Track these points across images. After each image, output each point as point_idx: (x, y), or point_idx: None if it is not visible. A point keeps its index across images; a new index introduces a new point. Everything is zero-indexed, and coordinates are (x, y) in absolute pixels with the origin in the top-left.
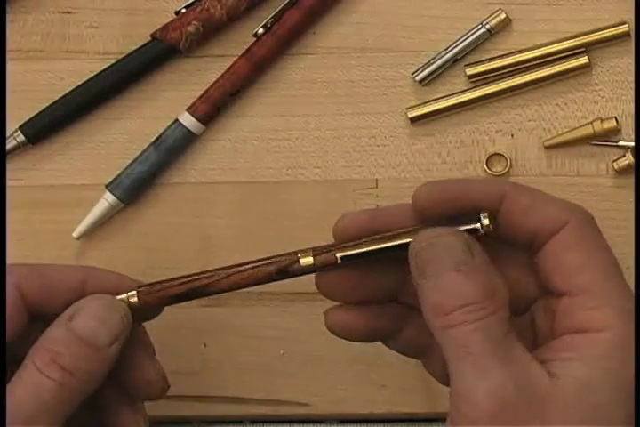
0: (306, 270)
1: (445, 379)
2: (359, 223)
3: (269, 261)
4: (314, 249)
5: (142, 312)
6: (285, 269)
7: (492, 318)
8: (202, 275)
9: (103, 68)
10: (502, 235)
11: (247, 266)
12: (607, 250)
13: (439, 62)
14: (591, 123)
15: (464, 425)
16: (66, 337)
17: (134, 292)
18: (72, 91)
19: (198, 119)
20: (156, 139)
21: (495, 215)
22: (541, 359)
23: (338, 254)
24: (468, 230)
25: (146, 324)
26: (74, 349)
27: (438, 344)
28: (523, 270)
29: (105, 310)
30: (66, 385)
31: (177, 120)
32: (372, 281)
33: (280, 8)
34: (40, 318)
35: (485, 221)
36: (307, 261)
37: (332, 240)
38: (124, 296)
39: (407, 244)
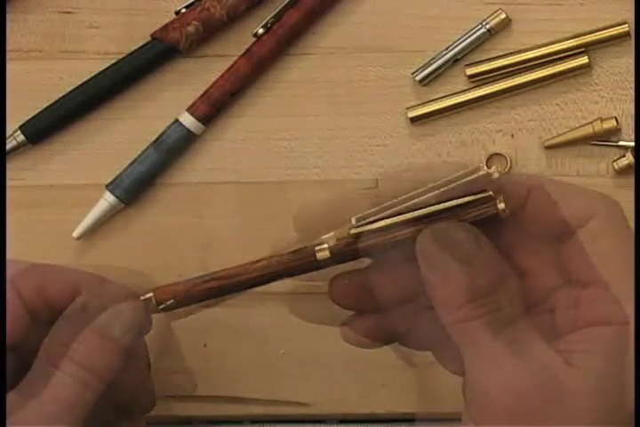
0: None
1: (458, 368)
2: None
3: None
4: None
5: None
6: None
7: (504, 310)
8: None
9: (103, 68)
10: (528, 226)
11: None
12: (632, 241)
13: (439, 62)
14: (591, 123)
15: (482, 420)
16: (79, 331)
17: (151, 294)
18: (72, 91)
19: (198, 119)
20: (156, 139)
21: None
22: (561, 350)
23: (352, 231)
24: (485, 216)
25: None
26: (89, 343)
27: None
28: (543, 260)
29: (118, 302)
30: (83, 381)
31: (177, 120)
32: (385, 285)
33: (280, 8)
34: (38, 322)
35: (501, 206)
36: (323, 253)
37: None
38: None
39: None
